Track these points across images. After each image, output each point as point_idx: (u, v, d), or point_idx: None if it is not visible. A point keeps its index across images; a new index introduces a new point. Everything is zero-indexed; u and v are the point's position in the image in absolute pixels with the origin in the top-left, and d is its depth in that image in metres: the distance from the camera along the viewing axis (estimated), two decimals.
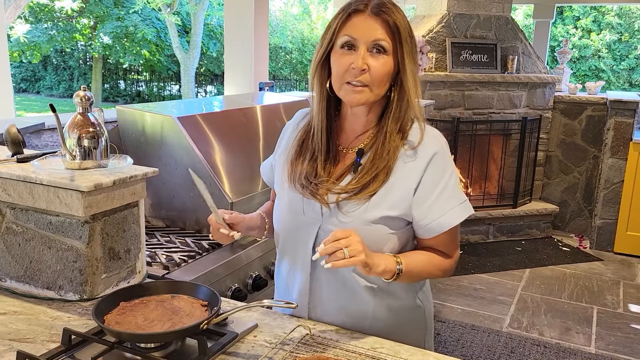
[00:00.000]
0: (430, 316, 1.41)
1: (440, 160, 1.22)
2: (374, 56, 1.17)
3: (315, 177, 1.24)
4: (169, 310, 1.21)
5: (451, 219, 1.23)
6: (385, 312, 1.30)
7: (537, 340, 3.23)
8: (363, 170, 1.22)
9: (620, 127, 4.62)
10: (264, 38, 3.78)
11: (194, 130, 2.05)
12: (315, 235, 1.25)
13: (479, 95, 4.65)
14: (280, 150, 1.38)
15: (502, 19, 4.81)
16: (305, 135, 1.31)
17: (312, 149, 1.28)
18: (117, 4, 14.89)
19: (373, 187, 1.20)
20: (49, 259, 1.40)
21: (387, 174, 1.20)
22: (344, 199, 1.21)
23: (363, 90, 1.18)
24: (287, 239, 1.33)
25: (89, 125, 1.41)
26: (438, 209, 1.22)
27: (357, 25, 1.17)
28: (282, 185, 1.33)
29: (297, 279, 1.32)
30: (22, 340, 1.20)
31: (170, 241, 1.96)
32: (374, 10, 1.17)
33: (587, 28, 14.53)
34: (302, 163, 1.27)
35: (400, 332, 1.31)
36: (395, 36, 1.17)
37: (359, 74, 1.16)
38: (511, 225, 4.89)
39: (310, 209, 1.25)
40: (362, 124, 1.26)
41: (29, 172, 1.38)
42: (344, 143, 1.29)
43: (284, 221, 1.32)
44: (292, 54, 17.43)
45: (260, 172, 1.51)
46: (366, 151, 1.24)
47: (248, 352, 1.17)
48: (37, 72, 18.37)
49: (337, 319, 1.30)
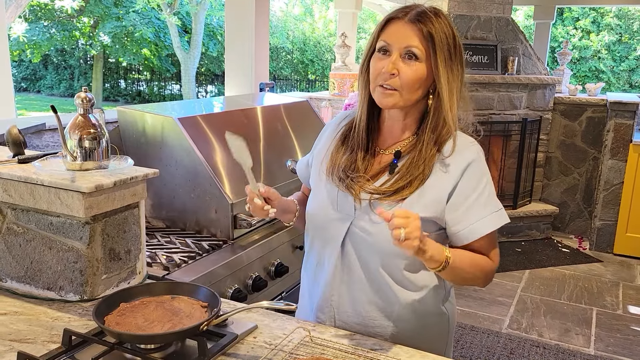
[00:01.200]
0: (453, 327, 1.42)
1: (476, 168, 1.24)
2: (406, 62, 1.20)
3: (352, 171, 1.28)
4: (169, 312, 1.22)
5: (485, 226, 1.24)
6: (409, 314, 1.30)
7: (537, 342, 3.23)
8: (398, 174, 1.24)
9: (620, 128, 4.63)
10: (265, 38, 3.78)
11: (194, 131, 2.06)
12: (346, 231, 1.28)
13: (479, 96, 4.66)
14: (319, 147, 1.42)
15: (502, 20, 4.81)
16: (348, 132, 1.35)
17: (352, 145, 1.32)
18: (117, 4, 14.90)
19: (406, 192, 1.22)
20: (50, 260, 1.40)
21: (422, 181, 1.23)
22: (376, 199, 1.23)
23: (393, 93, 1.21)
24: (317, 233, 1.35)
25: (90, 127, 1.41)
26: (473, 215, 1.23)
27: (393, 31, 1.22)
28: (319, 178, 1.36)
29: (324, 273, 1.34)
30: (23, 340, 1.21)
31: (170, 242, 1.97)
32: (411, 18, 1.20)
33: (587, 29, 14.54)
34: (342, 156, 1.31)
35: (422, 337, 1.32)
36: (429, 44, 1.19)
37: (389, 77, 1.20)
38: (511, 226, 4.90)
39: (345, 203, 1.28)
40: (400, 127, 1.30)
41: (30, 173, 1.38)
42: (382, 144, 1.32)
43: (318, 214, 1.34)
44: (293, 54, 17.44)
45: (296, 169, 1.56)
46: (404, 155, 1.27)
47: (248, 353, 1.18)
48: (37, 72, 18.37)
49: (362, 315, 1.31)
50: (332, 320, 1.35)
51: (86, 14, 15.01)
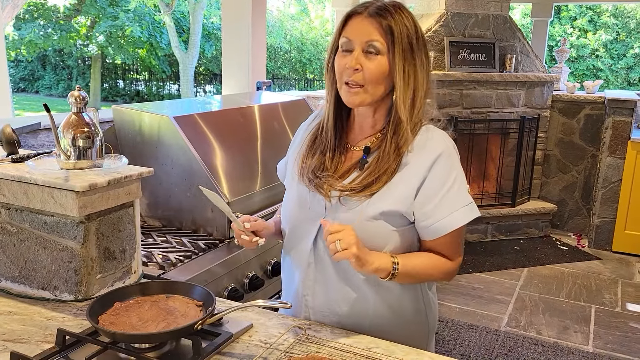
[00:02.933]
0: (434, 321, 1.41)
1: (445, 161, 1.23)
2: (368, 57, 1.20)
3: (322, 172, 1.28)
4: (164, 311, 1.21)
5: (455, 220, 1.23)
6: (385, 310, 1.30)
7: (535, 339, 3.23)
8: (367, 170, 1.24)
9: (619, 126, 4.62)
10: (262, 37, 3.77)
11: (190, 130, 2.05)
12: (318, 229, 1.29)
13: (477, 95, 4.65)
14: (293, 147, 1.43)
15: (500, 18, 4.80)
16: (318, 133, 1.35)
17: (322, 145, 1.32)
18: (113, 4, 14.88)
19: (375, 187, 1.22)
20: (44, 259, 1.39)
21: (390, 175, 1.22)
22: (346, 196, 1.24)
23: (358, 91, 1.21)
24: (291, 233, 1.36)
25: (84, 125, 1.40)
26: (442, 210, 1.22)
27: (354, 27, 1.22)
28: (292, 179, 1.37)
29: (298, 272, 1.35)
30: (17, 340, 1.20)
31: (166, 241, 1.96)
32: (371, 12, 1.20)
33: (584, 28, 14.55)
34: (312, 157, 1.32)
35: (401, 332, 1.31)
36: (388, 37, 1.19)
37: (353, 73, 1.20)
38: (509, 224, 4.89)
39: (315, 202, 1.29)
40: (370, 124, 1.30)
41: (24, 172, 1.38)
42: (352, 141, 1.32)
43: (290, 215, 1.36)
44: (291, 53, 17.43)
45: (277, 170, 1.56)
46: (373, 150, 1.27)
47: (243, 352, 1.17)
48: (35, 72, 18.34)
49: (337, 314, 1.31)
50: (307, 321, 1.34)
51: (83, 14, 14.99)
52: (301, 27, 17.54)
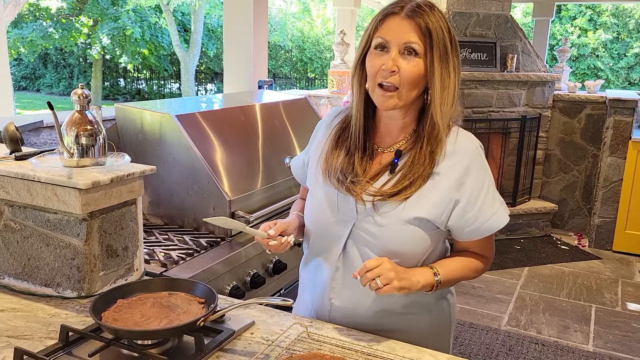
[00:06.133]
0: (454, 317, 1.43)
1: (479, 165, 1.23)
2: (405, 58, 1.17)
3: (351, 174, 1.25)
4: (166, 308, 1.22)
5: (496, 222, 1.24)
6: (415, 309, 1.31)
7: (535, 339, 3.23)
8: (400, 174, 1.22)
9: (620, 125, 4.63)
10: (264, 36, 3.78)
11: (192, 128, 2.05)
12: (349, 232, 1.26)
13: (478, 94, 4.65)
14: (313, 147, 1.39)
15: (501, 17, 4.80)
16: (341, 131, 1.32)
17: (348, 145, 1.29)
18: (115, 4, 14.88)
19: (409, 191, 1.20)
20: (47, 256, 1.40)
21: (425, 179, 1.21)
22: (379, 200, 1.21)
23: (392, 95, 1.19)
24: (319, 235, 1.33)
25: (87, 123, 1.41)
26: (485, 213, 1.23)
27: (391, 27, 1.18)
28: (316, 180, 1.34)
29: (325, 274, 1.32)
30: (20, 337, 1.21)
31: (168, 239, 1.97)
32: (408, 12, 1.17)
33: (584, 28, 14.54)
34: (338, 158, 1.28)
35: (427, 332, 1.33)
36: (426, 39, 1.17)
37: (389, 75, 1.17)
38: (510, 224, 4.89)
39: (346, 206, 1.26)
40: (399, 126, 1.27)
41: (27, 170, 1.38)
42: (380, 142, 1.29)
43: (317, 217, 1.32)
44: (292, 52, 17.42)
45: (291, 168, 1.53)
46: (404, 153, 1.25)
47: (245, 349, 1.18)
48: (37, 70, 18.35)
49: (362, 315, 1.30)
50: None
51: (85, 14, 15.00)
52: (302, 26, 17.53)
